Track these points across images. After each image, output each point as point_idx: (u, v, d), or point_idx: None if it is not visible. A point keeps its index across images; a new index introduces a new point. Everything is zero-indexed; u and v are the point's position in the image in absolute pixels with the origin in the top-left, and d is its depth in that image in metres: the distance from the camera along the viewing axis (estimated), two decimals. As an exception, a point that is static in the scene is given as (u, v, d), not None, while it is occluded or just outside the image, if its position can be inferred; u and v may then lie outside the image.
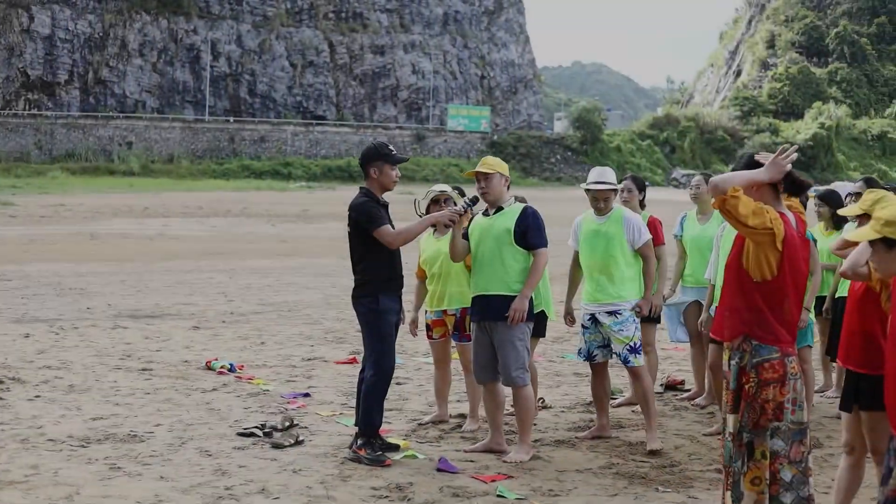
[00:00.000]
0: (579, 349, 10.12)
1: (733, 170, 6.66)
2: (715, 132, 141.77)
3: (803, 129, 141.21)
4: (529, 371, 9.37)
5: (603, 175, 10.06)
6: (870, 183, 11.26)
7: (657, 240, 11.03)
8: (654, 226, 11.07)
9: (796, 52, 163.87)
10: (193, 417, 10.52)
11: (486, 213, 9.44)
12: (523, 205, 9.41)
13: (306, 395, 11.73)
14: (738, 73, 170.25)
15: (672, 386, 12.52)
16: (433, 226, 9.80)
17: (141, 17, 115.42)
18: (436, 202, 10.29)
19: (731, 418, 6.52)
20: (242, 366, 13.35)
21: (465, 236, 9.44)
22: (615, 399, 11.67)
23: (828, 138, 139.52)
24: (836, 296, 11.34)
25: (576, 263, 10.25)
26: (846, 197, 11.98)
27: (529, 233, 9.18)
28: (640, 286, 10.05)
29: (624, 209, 10.19)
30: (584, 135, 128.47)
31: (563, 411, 11.28)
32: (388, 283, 9.20)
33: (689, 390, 12.34)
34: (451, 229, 9.44)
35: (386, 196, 9.42)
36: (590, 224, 10.06)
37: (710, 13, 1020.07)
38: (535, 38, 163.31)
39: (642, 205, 11.53)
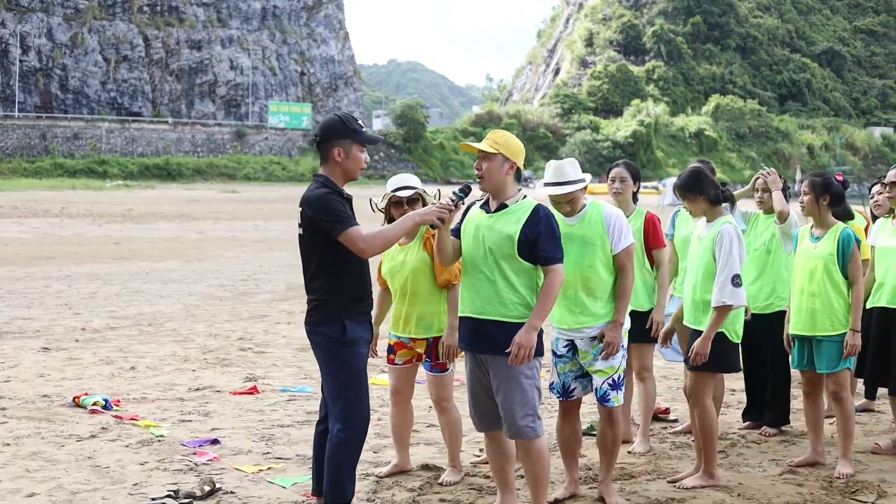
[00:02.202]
0: (551, 384, 7.75)
1: None
2: (537, 129, 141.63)
3: (623, 127, 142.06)
4: (541, 418, 7.06)
5: (560, 172, 7.55)
6: (907, 168, 9.30)
7: (657, 242, 8.98)
8: (652, 224, 9.01)
9: (614, 51, 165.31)
10: (77, 481, 7.91)
11: (486, 206, 7.05)
12: (534, 203, 6.96)
13: (215, 441, 9.23)
14: (557, 71, 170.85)
15: (656, 416, 10.37)
16: None
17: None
18: (398, 205, 7.98)
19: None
20: (118, 400, 10.76)
21: (456, 232, 7.13)
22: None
23: (647, 135, 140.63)
24: (867, 306, 9.39)
25: None
26: (874, 186, 10.07)
27: (542, 242, 6.76)
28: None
29: (603, 204, 7.81)
30: (406, 132, 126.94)
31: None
32: (355, 304, 6.75)
33: (676, 420, 10.30)
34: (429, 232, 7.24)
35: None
36: (560, 226, 7.40)
37: (527, 11, 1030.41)
38: (352, 36, 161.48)
39: (635, 198, 9.35)
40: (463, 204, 6.94)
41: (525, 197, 6.97)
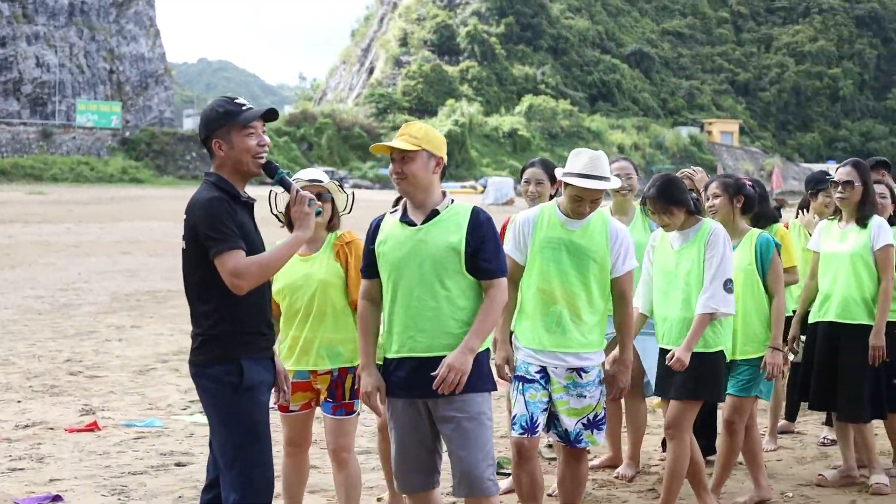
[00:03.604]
0: (514, 417, 6.52)
1: None
2: (352, 129, 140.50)
3: (438, 126, 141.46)
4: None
5: (599, 164, 6.50)
6: (857, 165, 8.26)
7: None
8: None
9: (429, 51, 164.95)
10: None
11: (406, 219, 5.76)
12: (470, 206, 5.77)
13: (56, 498, 7.64)
14: (372, 71, 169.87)
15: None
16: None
17: None
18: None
19: None
20: (-67, 444, 9.12)
21: (370, 269, 5.83)
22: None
23: (462, 135, 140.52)
24: (811, 320, 8.34)
25: (514, 284, 6.55)
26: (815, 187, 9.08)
27: (484, 251, 5.62)
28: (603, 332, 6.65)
29: (609, 215, 6.75)
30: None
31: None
32: (254, 339, 5.34)
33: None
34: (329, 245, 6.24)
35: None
36: (554, 229, 6.53)
37: (339, 10, 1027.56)
38: (162, 33, 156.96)
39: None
40: (299, 198, 5.40)
41: (453, 200, 5.71)
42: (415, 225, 5.65)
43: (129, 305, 19.44)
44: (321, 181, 6.53)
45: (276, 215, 6.34)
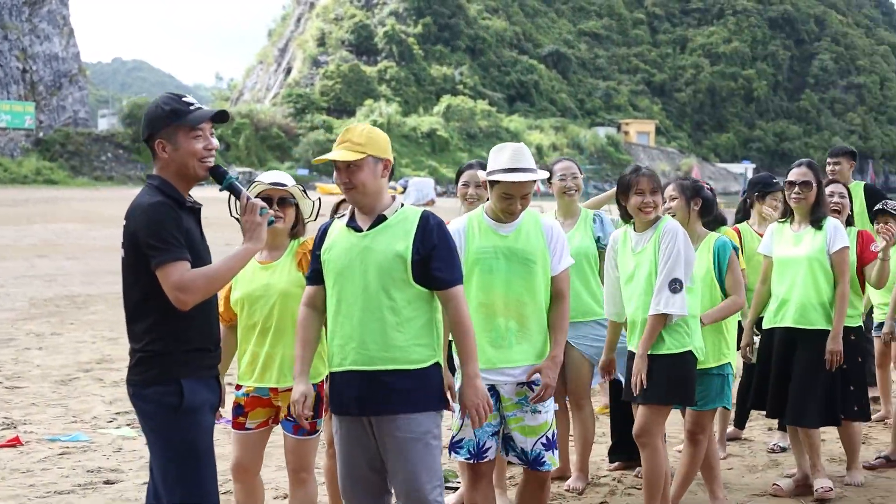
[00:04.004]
0: (458, 442, 6.07)
1: None
2: (270, 129, 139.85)
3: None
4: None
5: (523, 157, 6.04)
6: (811, 166, 8.05)
7: None
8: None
9: (347, 51, 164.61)
10: None
11: (353, 224, 5.41)
12: (420, 210, 5.41)
13: (-21, 521, 7.25)
14: (289, 71, 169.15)
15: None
16: None
17: None
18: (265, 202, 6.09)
19: None
20: None
21: (316, 276, 5.48)
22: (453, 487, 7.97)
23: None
24: (765, 326, 8.11)
25: None
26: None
27: (436, 259, 5.24)
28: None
29: (538, 212, 6.36)
30: (136, 131, 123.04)
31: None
32: (198, 357, 4.96)
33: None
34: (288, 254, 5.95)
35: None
36: (487, 236, 6.12)
37: (255, 10, 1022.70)
38: (76, 32, 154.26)
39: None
40: (245, 199, 5.10)
41: (403, 205, 5.36)
42: (361, 231, 5.31)
43: (49, 311, 18.86)
44: (284, 185, 6.14)
45: (236, 219, 5.89)
